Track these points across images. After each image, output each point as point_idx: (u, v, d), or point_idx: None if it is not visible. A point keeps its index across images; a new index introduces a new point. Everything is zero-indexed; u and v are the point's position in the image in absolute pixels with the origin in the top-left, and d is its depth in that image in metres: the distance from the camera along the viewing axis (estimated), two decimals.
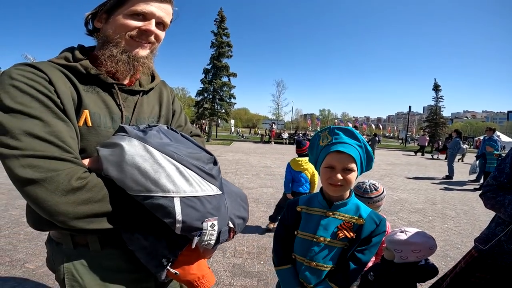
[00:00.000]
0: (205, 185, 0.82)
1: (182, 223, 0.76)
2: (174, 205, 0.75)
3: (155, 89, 1.09)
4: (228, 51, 20.55)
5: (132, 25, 0.89)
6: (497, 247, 1.27)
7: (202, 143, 1.17)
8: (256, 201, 5.22)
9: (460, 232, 4.09)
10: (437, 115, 25.45)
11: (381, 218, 1.14)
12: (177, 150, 0.81)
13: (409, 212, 5.02)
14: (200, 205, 0.79)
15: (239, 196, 1.04)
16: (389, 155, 17.66)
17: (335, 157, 1.07)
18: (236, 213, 0.96)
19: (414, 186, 7.59)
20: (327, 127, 1.15)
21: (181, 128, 1.15)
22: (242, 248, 3.22)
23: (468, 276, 1.35)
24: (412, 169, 11.41)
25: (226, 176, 7.36)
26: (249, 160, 11.23)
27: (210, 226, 0.81)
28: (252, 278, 2.57)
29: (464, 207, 5.49)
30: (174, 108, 1.15)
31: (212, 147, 16.27)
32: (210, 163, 0.87)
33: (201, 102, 20.71)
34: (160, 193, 0.75)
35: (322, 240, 1.12)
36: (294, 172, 3.57)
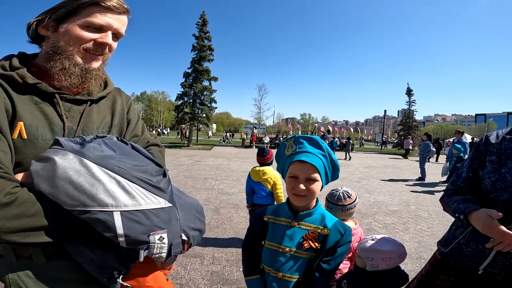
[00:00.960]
0: (152, 198, 0.80)
1: (126, 237, 0.75)
2: (114, 219, 0.73)
3: (108, 98, 1.04)
4: (209, 54, 20.48)
5: (88, 38, 0.86)
6: (457, 249, 1.29)
7: (161, 153, 1.15)
8: (236, 206, 5.16)
9: (433, 233, 4.24)
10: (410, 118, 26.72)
11: (346, 228, 1.14)
12: (119, 163, 0.79)
13: (385, 214, 5.18)
14: (145, 219, 0.78)
15: (194, 207, 1.02)
16: (367, 158, 18.23)
17: (298, 166, 1.07)
18: (190, 225, 0.94)
19: (390, 189, 7.85)
20: (293, 136, 1.15)
21: (137, 138, 1.11)
22: (220, 255, 3.17)
23: (434, 279, 1.36)
24: (388, 171, 11.84)
25: (205, 182, 7.31)
26: (230, 165, 11.16)
27: (158, 239, 0.80)
28: (231, 286, 2.53)
29: (436, 208, 5.73)
30: (130, 117, 1.11)
31: (192, 152, 16.03)
32: (158, 175, 0.86)
33: (181, 106, 20.42)
34: (97, 207, 0.73)
35: (287, 250, 1.11)
36: (253, 182, 3.25)
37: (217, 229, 3.99)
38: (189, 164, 10.67)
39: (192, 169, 9.56)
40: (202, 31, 20.45)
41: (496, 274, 1.17)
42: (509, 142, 1.19)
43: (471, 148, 5.50)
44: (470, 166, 1.31)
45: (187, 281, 2.57)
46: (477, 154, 1.29)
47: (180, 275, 2.66)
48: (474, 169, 1.29)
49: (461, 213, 1.17)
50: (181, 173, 8.42)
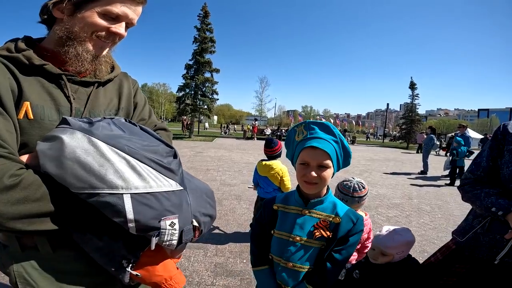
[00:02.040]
0: (163, 180, 0.76)
1: (136, 222, 0.71)
2: (124, 203, 0.69)
3: (115, 81, 1.02)
4: (211, 46, 20.32)
5: (103, 25, 0.84)
6: (473, 239, 1.28)
7: (168, 137, 1.12)
8: (238, 198, 5.16)
9: (436, 227, 4.23)
10: (413, 112, 26.51)
11: (358, 216, 1.11)
12: (129, 142, 0.75)
13: (388, 207, 5.17)
14: (156, 202, 0.73)
15: (205, 192, 0.98)
16: (368, 151, 18.18)
17: (310, 153, 1.02)
18: (201, 210, 0.91)
19: (392, 182, 7.84)
20: (304, 121, 1.10)
21: (144, 122, 1.08)
22: (224, 246, 3.16)
23: (448, 267, 1.36)
24: (390, 164, 11.81)
25: (207, 173, 7.29)
26: (232, 156, 11.14)
27: (169, 225, 0.75)
28: (234, 278, 2.52)
29: (439, 202, 5.72)
30: (136, 100, 1.09)
31: (194, 143, 16.02)
32: (169, 156, 0.82)
33: (183, 98, 20.37)
34: (106, 189, 0.68)
35: (298, 239, 1.07)
36: (259, 177, 3.13)
37: (220, 220, 3.98)
38: (190, 155, 10.65)
39: (194, 160, 9.55)
40: (203, 23, 20.23)
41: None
42: None
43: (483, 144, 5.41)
44: (489, 154, 1.28)
45: (191, 273, 2.57)
46: (495, 143, 1.27)
47: (184, 267, 2.66)
48: (494, 157, 1.27)
49: (501, 208, 1.14)
50: (183, 164, 8.18)
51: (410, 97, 26.69)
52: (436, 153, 17.20)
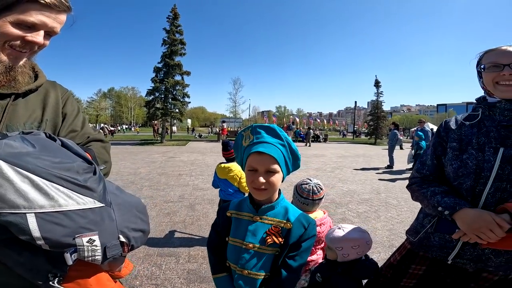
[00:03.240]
0: (76, 198, 0.75)
1: (45, 240, 0.70)
2: (27, 222, 0.68)
3: (39, 91, 0.96)
4: (181, 48, 19.88)
5: (16, 35, 0.78)
6: (425, 239, 1.27)
7: (104, 148, 1.08)
8: (211, 202, 5.07)
9: (402, 220, 4.41)
10: (379, 109, 27.84)
11: (309, 221, 1.11)
12: (36, 160, 0.72)
13: (358, 203, 5.36)
14: (68, 221, 0.73)
15: (135, 206, 0.97)
16: (340, 148, 18.81)
17: (257, 158, 1.01)
18: (130, 225, 0.90)
19: (362, 177, 8.16)
20: (250, 125, 1.08)
21: (75, 134, 1.03)
22: (197, 252, 3.09)
23: (405, 268, 1.36)
24: (360, 160, 12.31)
25: (179, 178, 7.11)
26: (205, 160, 10.97)
27: (87, 242, 0.75)
28: (208, 284, 2.47)
29: (404, 195, 6.02)
30: (66, 111, 1.02)
31: (166, 148, 15.56)
32: (86, 173, 0.80)
33: (152, 102, 19.71)
34: (7, 209, 0.67)
35: (251, 246, 1.05)
36: (219, 179, 3.13)
37: (192, 226, 3.88)
38: (162, 161, 10.33)
39: (165, 165, 9.26)
40: (173, 25, 19.73)
41: (466, 264, 1.17)
42: (468, 128, 1.18)
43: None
44: (433, 152, 1.28)
45: (162, 281, 2.48)
46: (438, 141, 1.28)
47: (155, 275, 2.57)
48: (438, 155, 1.27)
49: (448, 208, 1.10)
50: (153, 171, 8.12)
51: (376, 95, 28.01)
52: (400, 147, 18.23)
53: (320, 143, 24.66)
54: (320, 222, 1.78)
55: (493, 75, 1.11)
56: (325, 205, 4.96)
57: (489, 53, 1.14)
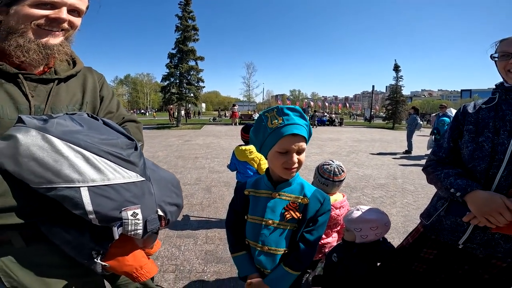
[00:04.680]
0: (122, 172, 0.80)
1: (96, 214, 0.75)
2: (81, 196, 0.73)
3: (78, 76, 1.03)
4: (194, 34, 19.72)
5: (38, 14, 0.83)
6: (437, 222, 1.28)
7: (138, 128, 1.15)
8: (227, 184, 5.18)
9: (419, 207, 4.32)
10: (398, 93, 26.83)
11: (325, 196, 1.14)
12: (86, 137, 0.77)
13: (373, 188, 5.32)
14: (115, 194, 0.77)
15: (171, 181, 1.02)
16: (355, 132, 18.46)
17: (290, 140, 1.02)
18: (166, 200, 0.95)
19: (378, 162, 8.03)
20: (274, 107, 1.08)
21: (112, 115, 1.10)
22: (213, 234, 3.21)
23: (417, 251, 1.37)
24: (376, 145, 12.06)
25: (196, 161, 7.27)
26: (220, 143, 11.10)
27: (131, 215, 0.79)
28: (225, 264, 2.57)
29: (422, 182, 5.87)
30: (103, 94, 1.10)
31: (182, 132, 15.82)
32: (129, 148, 0.85)
33: (168, 87, 19.94)
34: (63, 183, 0.72)
35: (270, 223, 1.10)
36: (238, 162, 3.07)
37: (209, 208, 4.01)
38: (178, 144, 10.54)
39: (182, 149, 9.46)
40: (185, 11, 19.46)
41: (476, 249, 1.18)
42: (485, 111, 1.18)
43: None
44: (450, 136, 1.30)
45: (182, 262, 2.61)
46: (455, 124, 1.29)
47: (175, 256, 2.70)
48: (454, 139, 1.28)
49: (460, 190, 1.11)
50: (171, 154, 8.32)
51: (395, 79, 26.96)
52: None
53: (335, 127, 24.26)
54: (339, 205, 1.80)
55: (503, 64, 1.14)
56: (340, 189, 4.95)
57: (502, 42, 1.17)
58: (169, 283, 2.26)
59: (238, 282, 2.28)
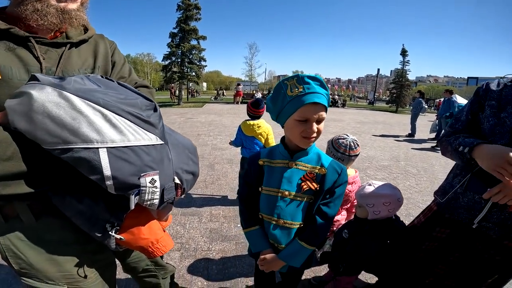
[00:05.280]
0: (142, 134, 0.73)
1: (114, 180, 0.68)
2: (99, 158, 0.66)
3: (89, 42, 0.98)
4: (196, 13, 19.06)
5: None
6: (453, 200, 1.25)
7: (150, 93, 1.09)
8: (230, 161, 5.18)
9: (421, 190, 4.32)
10: (403, 77, 26.33)
11: (342, 167, 1.10)
12: (105, 96, 0.70)
13: (376, 169, 5.31)
14: (135, 157, 0.70)
15: (187, 147, 0.96)
16: (358, 114, 18.28)
17: (311, 108, 0.97)
18: (183, 167, 0.88)
19: (381, 144, 7.99)
20: (295, 75, 1.02)
21: (124, 80, 1.05)
22: (218, 212, 3.21)
23: (430, 230, 1.36)
24: (379, 127, 11.96)
25: (198, 138, 7.23)
26: (222, 121, 11.01)
27: (149, 182, 0.72)
28: (230, 242, 2.59)
29: (424, 165, 5.88)
30: (114, 59, 1.05)
31: (183, 110, 15.67)
32: (148, 109, 0.78)
33: (169, 66, 19.60)
34: (80, 143, 0.65)
35: (287, 194, 1.06)
36: (245, 137, 3.08)
37: (213, 185, 4.01)
38: (180, 122, 10.46)
39: (184, 126, 9.39)
40: None
41: (490, 229, 1.16)
42: (510, 88, 1.14)
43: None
44: (469, 109, 1.26)
45: (187, 240, 2.61)
46: (476, 99, 1.25)
47: (180, 234, 2.70)
48: (474, 112, 1.24)
49: (467, 145, 1.12)
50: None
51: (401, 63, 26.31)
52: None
53: (337, 108, 24.05)
54: (352, 180, 1.76)
55: None
56: None
57: None
58: (175, 261, 2.26)
59: (243, 260, 2.31)
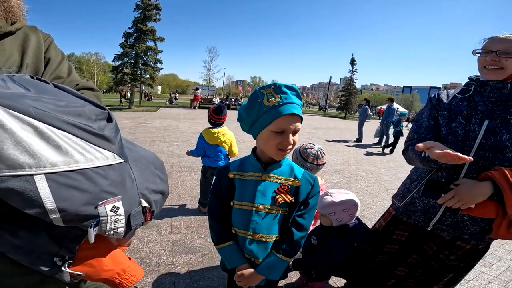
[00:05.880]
0: (93, 152, 0.58)
1: (61, 212, 0.52)
2: (36, 188, 0.50)
3: (17, 35, 0.81)
4: (156, 14, 18.18)
5: None
6: (410, 204, 1.34)
7: (97, 97, 0.90)
8: (189, 169, 4.99)
9: (371, 192, 4.65)
10: (351, 86, 28.57)
11: (314, 178, 1.11)
12: (37, 103, 0.53)
13: (331, 174, 5.62)
14: (88, 183, 0.56)
15: (153, 163, 0.83)
16: (312, 120, 19.23)
17: (288, 120, 0.95)
18: (150, 186, 0.75)
19: (334, 149, 8.50)
20: (272, 83, 0.99)
21: (61, 80, 0.86)
22: (179, 223, 3.04)
23: (389, 234, 1.45)
24: (331, 132, 12.75)
25: (153, 145, 6.83)
26: (179, 126, 10.61)
27: (110, 210, 0.59)
28: (195, 254, 2.45)
29: (371, 168, 6.42)
30: (49, 55, 0.86)
31: (135, 114, 14.75)
32: (100, 119, 0.62)
33: (120, 67, 18.26)
34: (6, 171, 0.48)
35: (262, 208, 1.02)
36: (209, 146, 3.01)
37: (171, 195, 3.79)
38: (132, 127, 9.79)
39: (136, 131, 8.80)
40: None
41: (444, 230, 1.26)
42: (458, 100, 1.26)
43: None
44: (429, 114, 1.33)
45: (147, 254, 2.41)
46: (432, 106, 1.33)
47: (138, 249, 2.48)
48: (434, 117, 1.31)
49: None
50: (123, 136, 7.62)
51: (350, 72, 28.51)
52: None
53: None
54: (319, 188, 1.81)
55: (483, 59, 1.20)
56: None
57: (489, 40, 1.21)
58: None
59: (212, 271, 2.21)
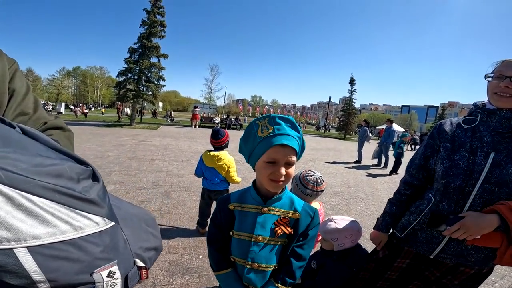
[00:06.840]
0: (80, 219, 0.50)
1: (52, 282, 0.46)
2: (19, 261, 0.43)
3: None
4: (161, 31, 18.85)
5: None
6: (412, 235, 1.34)
7: (68, 139, 0.79)
8: (188, 189, 4.98)
9: (371, 213, 4.66)
10: (350, 106, 28.99)
11: (314, 210, 1.13)
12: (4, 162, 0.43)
13: (330, 196, 5.59)
14: (79, 253, 0.50)
15: (144, 219, 0.77)
16: (311, 141, 19.35)
17: (279, 150, 0.97)
18: (143, 245, 0.70)
19: (333, 170, 8.50)
20: (267, 115, 1.02)
21: (27, 117, 0.74)
22: (176, 243, 3.02)
23: (390, 261, 1.45)
24: (331, 154, 12.79)
25: (152, 163, 6.86)
26: (179, 145, 10.67)
27: (107, 275, 0.54)
28: (192, 275, 2.43)
29: (371, 189, 6.40)
30: (14, 86, 0.74)
31: (136, 131, 14.87)
32: (84, 179, 0.54)
33: (124, 83, 18.60)
34: None
35: (261, 239, 1.05)
36: (206, 168, 3.07)
37: (169, 215, 3.78)
38: (132, 144, 9.84)
39: (136, 149, 8.84)
40: (155, 6, 18.56)
41: (447, 258, 1.25)
42: (463, 131, 1.22)
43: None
44: (423, 153, 1.34)
45: None
46: (430, 142, 1.32)
47: None
48: (427, 156, 1.33)
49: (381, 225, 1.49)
50: (123, 154, 7.70)
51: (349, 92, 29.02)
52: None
53: None
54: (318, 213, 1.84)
55: (494, 85, 1.14)
56: None
57: (502, 63, 1.15)
58: None
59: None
